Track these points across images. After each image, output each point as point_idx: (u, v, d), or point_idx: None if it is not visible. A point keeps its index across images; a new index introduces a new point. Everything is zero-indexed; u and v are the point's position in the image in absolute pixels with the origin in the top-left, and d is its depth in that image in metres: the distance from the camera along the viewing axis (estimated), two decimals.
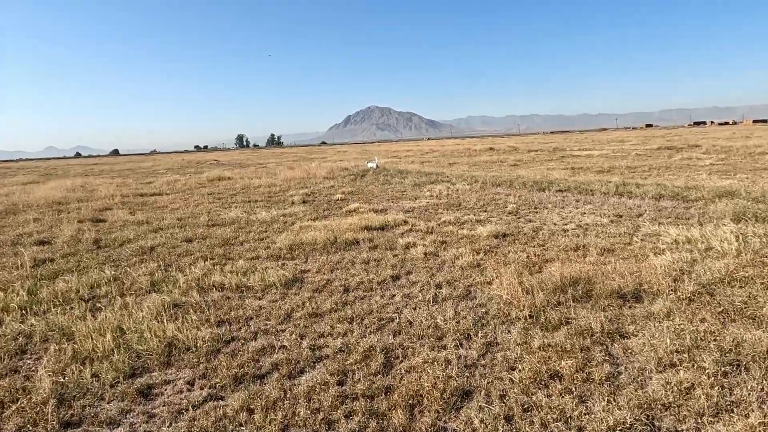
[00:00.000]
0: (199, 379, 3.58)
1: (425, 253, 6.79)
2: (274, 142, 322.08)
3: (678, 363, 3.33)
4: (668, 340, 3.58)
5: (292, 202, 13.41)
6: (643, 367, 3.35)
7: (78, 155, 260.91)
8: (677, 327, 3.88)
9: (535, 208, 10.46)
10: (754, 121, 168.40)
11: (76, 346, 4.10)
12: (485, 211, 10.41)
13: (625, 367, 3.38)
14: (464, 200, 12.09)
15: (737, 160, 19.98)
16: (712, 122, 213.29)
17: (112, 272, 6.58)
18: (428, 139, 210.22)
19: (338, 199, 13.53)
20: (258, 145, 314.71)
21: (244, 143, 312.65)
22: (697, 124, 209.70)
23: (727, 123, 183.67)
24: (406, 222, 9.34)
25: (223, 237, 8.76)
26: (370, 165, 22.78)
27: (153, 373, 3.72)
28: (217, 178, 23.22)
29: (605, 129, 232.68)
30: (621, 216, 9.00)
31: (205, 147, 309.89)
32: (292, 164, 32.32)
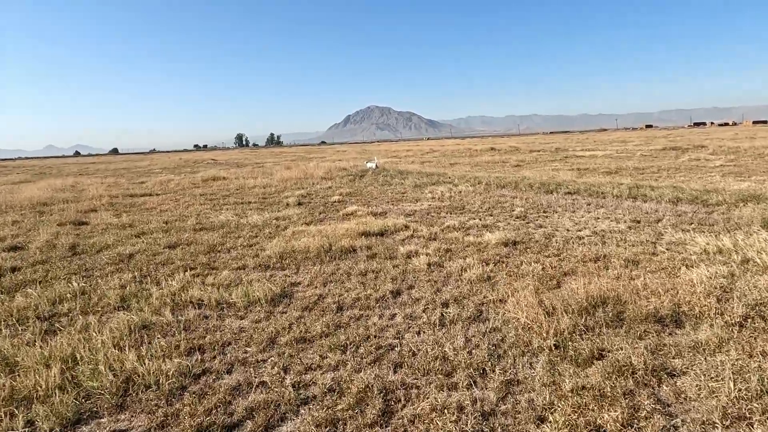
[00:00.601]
0: (156, 429, 2.92)
1: (429, 264, 6.13)
2: (273, 141, 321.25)
3: (749, 415, 2.68)
4: (731, 383, 2.93)
5: (287, 204, 12.75)
6: (704, 419, 2.70)
7: (77, 154, 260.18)
8: (735, 363, 3.23)
9: (545, 211, 9.80)
10: (754, 122, 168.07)
11: (15, 382, 3.44)
12: (491, 215, 9.76)
13: (683, 420, 2.72)
14: (468, 203, 11.43)
15: (747, 162, 19.35)
16: (712, 123, 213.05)
17: (82, 284, 5.91)
18: (428, 139, 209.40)
19: (335, 201, 12.87)
20: (257, 145, 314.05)
21: (244, 142, 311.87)
22: (697, 124, 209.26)
23: (727, 124, 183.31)
24: (407, 227, 8.68)
25: (209, 243, 8.10)
26: (369, 165, 22.12)
27: (101, 420, 3.06)
28: (211, 178, 22.55)
29: (605, 129, 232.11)
30: (639, 221, 8.34)
31: (205, 146, 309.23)
32: (290, 164, 31.67)
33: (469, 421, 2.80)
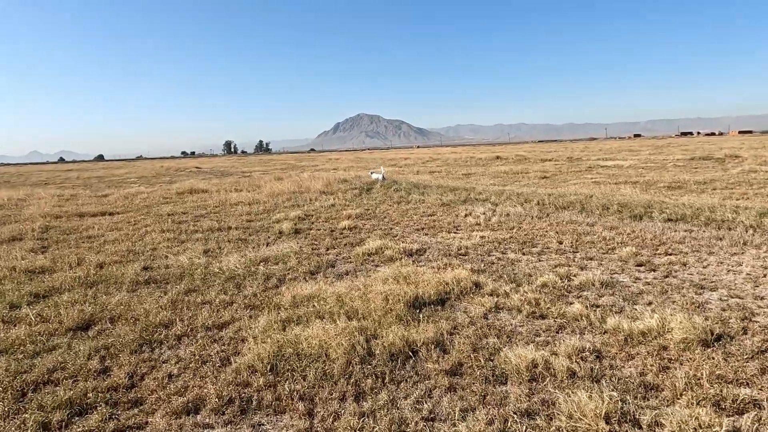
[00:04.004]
0: None
1: (606, 416, 2.78)
2: (262, 148, 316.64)
3: None
4: None
5: (279, 233, 9.34)
6: None
7: (61, 160, 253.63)
8: None
9: (667, 253, 6.54)
10: (740, 132, 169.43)
11: None
12: (590, 258, 6.47)
13: None
14: (534, 234, 8.15)
15: None
16: (698, 132, 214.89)
17: None
18: (417, 147, 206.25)
19: (346, 228, 9.48)
20: (246, 152, 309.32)
21: (232, 149, 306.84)
22: (684, 134, 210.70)
23: (713, 134, 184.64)
24: (478, 286, 5.33)
25: (147, 321, 4.66)
26: (375, 176, 18.78)
27: None
28: (188, 191, 19.03)
29: (595, 138, 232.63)
30: None
31: (192, 153, 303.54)
32: (281, 174, 28.15)
33: None
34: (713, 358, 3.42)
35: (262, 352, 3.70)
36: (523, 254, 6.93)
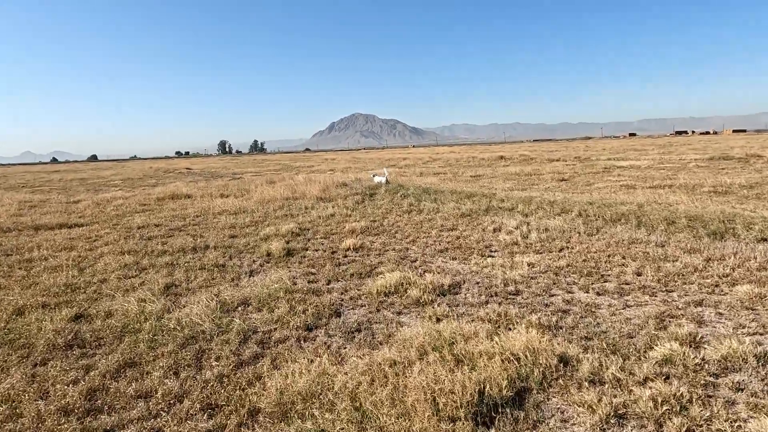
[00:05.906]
0: None
1: None
2: (257, 148, 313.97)
3: None
4: None
5: (267, 254, 7.44)
6: None
7: (54, 161, 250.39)
8: None
9: None
10: (734, 131, 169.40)
11: None
12: (697, 303, 4.62)
13: None
14: (597, 259, 6.28)
15: None
16: (693, 131, 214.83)
17: None
18: (413, 146, 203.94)
19: (350, 249, 7.59)
20: (240, 152, 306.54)
21: (227, 149, 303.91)
22: (678, 133, 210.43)
23: (707, 132, 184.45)
24: (564, 362, 3.47)
25: None
26: (378, 179, 16.87)
27: None
28: (169, 197, 17.04)
29: (591, 137, 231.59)
30: None
31: (186, 153, 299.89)
32: (273, 176, 26.15)
33: None
34: None
35: None
36: (598, 293, 5.07)
